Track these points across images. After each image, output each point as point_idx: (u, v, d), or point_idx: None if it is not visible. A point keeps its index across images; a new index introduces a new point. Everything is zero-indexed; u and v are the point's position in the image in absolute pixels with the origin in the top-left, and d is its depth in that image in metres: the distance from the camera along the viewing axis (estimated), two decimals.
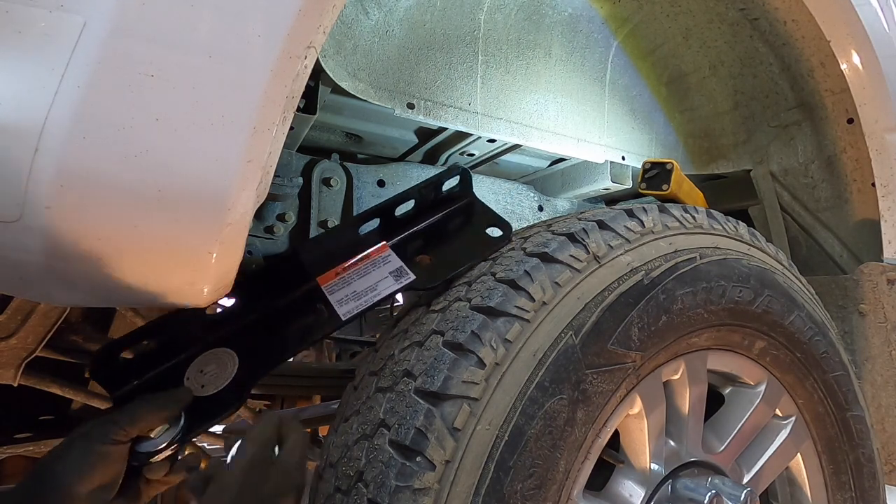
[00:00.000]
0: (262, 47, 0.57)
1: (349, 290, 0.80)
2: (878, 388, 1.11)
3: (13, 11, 0.48)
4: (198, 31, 0.54)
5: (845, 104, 1.12)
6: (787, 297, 0.87)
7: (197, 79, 0.53)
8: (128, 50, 0.51)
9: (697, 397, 0.81)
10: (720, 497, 0.74)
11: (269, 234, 1.07)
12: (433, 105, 1.06)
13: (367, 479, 0.62)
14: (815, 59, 1.11)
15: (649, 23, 1.23)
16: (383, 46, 1.00)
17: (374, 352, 0.78)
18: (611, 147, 1.30)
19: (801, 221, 1.26)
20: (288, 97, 0.60)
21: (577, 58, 1.23)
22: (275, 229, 1.07)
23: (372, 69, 0.99)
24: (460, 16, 1.08)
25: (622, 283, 0.72)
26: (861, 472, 0.95)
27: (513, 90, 1.16)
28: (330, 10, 0.64)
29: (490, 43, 1.12)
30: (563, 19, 1.19)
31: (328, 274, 0.83)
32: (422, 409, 0.62)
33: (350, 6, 0.96)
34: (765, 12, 1.10)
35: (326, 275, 0.83)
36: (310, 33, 0.61)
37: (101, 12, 0.51)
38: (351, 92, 0.96)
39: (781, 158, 1.27)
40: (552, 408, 0.63)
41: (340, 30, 0.95)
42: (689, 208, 0.88)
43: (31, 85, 0.48)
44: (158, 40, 0.52)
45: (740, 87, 1.26)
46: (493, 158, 1.38)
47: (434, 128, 1.26)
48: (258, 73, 0.57)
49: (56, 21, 0.49)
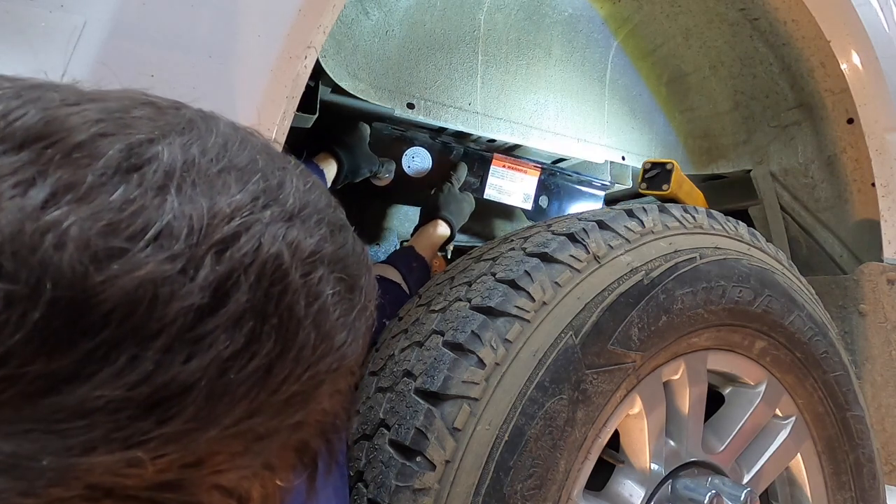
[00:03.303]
0: (262, 47, 0.57)
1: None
2: (878, 388, 1.11)
3: (13, 11, 0.48)
4: (198, 31, 0.54)
5: (845, 104, 1.12)
6: (787, 297, 0.87)
7: (197, 79, 0.53)
8: (128, 50, 0.51)
9: (697, 397, 0.81)
10: (720, 497, 0.74)
11: None
12: (433, 105, 1.07)
13: (367, 479, 0.62)
14: (815, 59, 1.11)
15: (649, 23, 1.23)
16: (383, 46, 1.00)
17: (375, 351, 0.78)
18: (611, 147, 1.30)
19: (801, 221, 1.26)
20: (288, 97, 0.60)
21: (577, 58, 1.23)
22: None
23: (372, 69, 0.99)
24: (460, 16, 1.08)
25: (622, 283, 0.72)
26: (861, 472, 0.95)
27: (513, 90, 1.16)
28: (330, 10, 0.64)
29: (490, 43, 1.12)
30: (563, 19, 1.19)
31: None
32: (422, 409, 0.62)
33: (350, 6, 0.96)
34: (765, 12, 1.10)
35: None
36: (310, 33, 0.61)
37: (101, 12, 0.51)
38: (351, 92, 0.96)
39: (781, 158, 1.27)
40: (552, 408, 0.63)
41: (340, 30, 0.95)
42: (689, 208, 0.88)
43: None
44: (158, 40, 0.52)
45: (740, 87, 1.26)
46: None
47: (434, 128, 1.26)
48: (258, 73, 0.57)
49: (56, 21, 0.50)
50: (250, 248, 0.24)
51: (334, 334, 0.28)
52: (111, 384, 0.20)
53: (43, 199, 0.21)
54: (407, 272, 1.00)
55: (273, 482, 0.27)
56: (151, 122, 0.26)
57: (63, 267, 0.20)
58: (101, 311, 0.20)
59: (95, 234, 0.21)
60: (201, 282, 0.22)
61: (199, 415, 0.22)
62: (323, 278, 0.27)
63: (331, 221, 0.30)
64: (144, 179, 0.23)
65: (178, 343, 0.21)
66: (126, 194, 0.22)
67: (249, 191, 0.26)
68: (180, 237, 0.22)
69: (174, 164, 0.24)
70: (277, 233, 0.26)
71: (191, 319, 0.22)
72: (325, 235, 0.29)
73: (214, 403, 0.22)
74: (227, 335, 0.23)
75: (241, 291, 0.23)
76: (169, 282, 0.21)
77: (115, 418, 0.20)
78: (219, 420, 0.23)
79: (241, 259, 0.24)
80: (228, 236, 0.24)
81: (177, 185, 0.24)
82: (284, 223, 0.26)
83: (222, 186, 0.25)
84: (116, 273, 0.20)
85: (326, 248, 0.28)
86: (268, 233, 0.25)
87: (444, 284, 0.78)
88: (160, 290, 0.21)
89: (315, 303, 0.27)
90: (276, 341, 0.24)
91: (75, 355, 0.20)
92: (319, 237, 0.28)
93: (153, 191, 0.23)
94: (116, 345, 0.20)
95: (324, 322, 0.27)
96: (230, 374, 0.23)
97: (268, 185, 0.28)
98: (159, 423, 0.21)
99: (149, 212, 0.22)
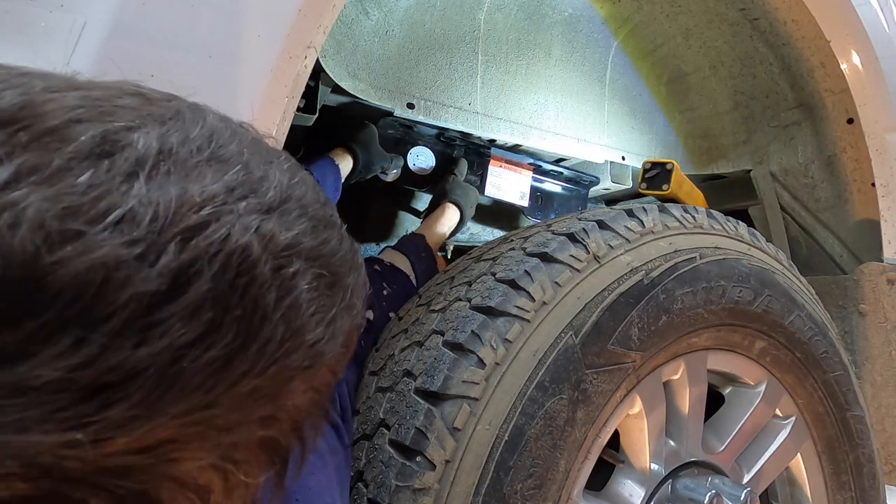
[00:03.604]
0: (262, 47, 0.57)
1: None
2: (878, 388, 1.11)
3: (13, 11, 0.48)
4: (198, 31, 0.54)
5: (845, 104, 1.12)
6: (787, 297, 0.87)
7: (197, 79, 0.53)
8: (128, 50, 0.51)
9: (697, 397, 0.81)
10: (720, 497, 0.74)
11: None
12: (433, 105, 1.07)
13: (367, 479, 0.62)
14: (815, 59, 1.11)
15: (649, 23, 1.23)
16: (383, 46, 1.00)
17: (375, 351, 0.78)
18: (611, 147, 1.30)
19: (801, 221, 1.26)
20: (288, 97, 0.60)
21: (577, 58, 1.23)
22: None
23: (372, 69, 0.99)
24: (460, 16, 1.08)
25: (622, 282, 0.72)
26: (861, 472, 0.95)
27: (513, 90, 1.16)
28: (330, 10, 0.64)
29: (490, 43, 1.12)
30: (563, 19, 1.19)
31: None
32: (422, 409, 0.62)
33: (350, 6, 0.96)
34: (765, 12, 1.10)
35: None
36: (310, 33, 0.61)
37: (101, 12, 0.51)
38: (351, 92, 0.96)
39: (781, 158, 1.26)
40: (552, 408, 0.63)
41: (340, 30, 0.95)
42: (689, 208, 0.88)
43: None
44: (158, 40, 0.52)
45: (740, 87, 1.25)
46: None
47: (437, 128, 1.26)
48: (258, 73, 0.57)
49: (56, 21, 0.50)
50: (218, 238, 0.24)
51: (307, 330, 0.27)
52: (51, 364, 0.20)
53: (4, 179, 0.21)
54: (416, 260, 1.00)
55: (237, 476, 0.27)
56: (134, 111, 0.26)
57: (14, 246, 0.20)
58: (50, 292, 0.20)
59: (52, 215, 0.21)
60: (161, 268, 0.22)
61: (147, 402, 0.22)
62: (298, 273, 0.27)
63: (315, 217, 0.30)
64: (114, 165, 0.23)
65: (129, 328, 0.21)
66: (92, 179, 0.22)
67: (226, 181, 0.26)
68: (142, 223, 0.22)
69: (148, 152, 0.24)
70: (250, 224, 0.25)
71: (145, 305, 0.22)
72: (306, 230, 0.28)
73: (164, 391, 0.22)
74: (183, 324, 0.22)
75: (203, 280, 0.23)
76: (124, 266, 0.21)
77: (54, 399, 0.20)
78: (167, 409, 0.22)
79: (207, 248, 0.23)
80: (196, 224, 0.24)
81: (148, 173, 0.24)
82: (260, 215, 0.26)
83: (198, 176, 0.25)
84: (69, 255, 0.20)
85: (305, 242, 0.28)
86: (239, 223, 0.25)
87: (444, 284, 0.78)
88: (114, 274, 0.21)
89: (287, 297, 0.26)
90: (238, 333, 0.24)
91: (19, 334, 0.20)
92: (298, 231, 0.28)
93: (121, 176, 0.23)
94: (62, 326, 0.20)
95: (295, 317, 0.27)
96: (183, 363, 0.22)
97: (248, 178, 0.27)
98: (103, 407, 0.21)
99: (113, 196, 0.22)
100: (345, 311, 0.31)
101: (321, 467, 0.57)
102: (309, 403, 0.30)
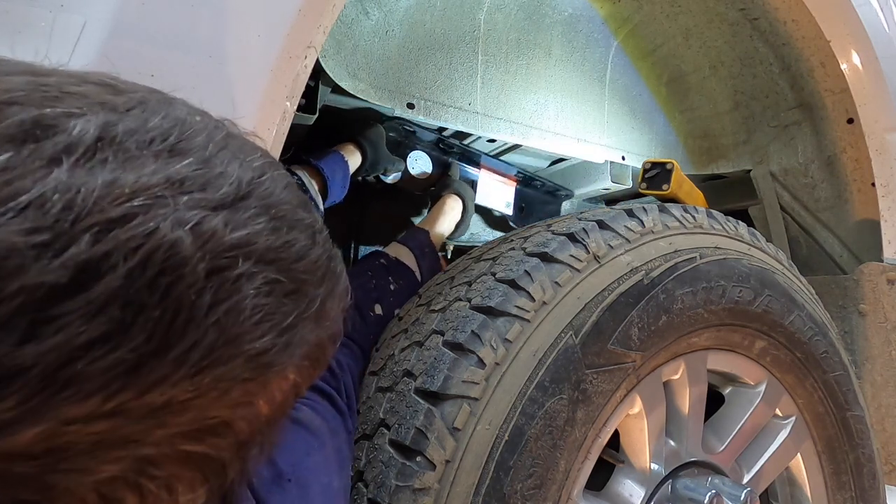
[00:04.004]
0: (262, 47, 0.57)
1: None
2: (878, 388, 1.11)
3: (13, 11, 0.48)
4: (198, 31, 0.54)
5: (845, 104, 1.12)
6: (787, 297, 0.87)
7: (197, 79, 0.53)
8: (128, 50, 0.51)
9: (697, 397, 0.81)
10: (720, 497, 0.74)
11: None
12: (433, 105, 1.06)
13: (367, 479, 0.62)
14: (815, 59, 1.11)
15: (649, 23, 1.23)
16: (383, 46, 1.00)
17: (375, 351, 0.78)
18: (611, 147, 1.30)
19: (801, 221, 1.26)
20: (288, 97, 0.60)
21: (577, 58, 1.23)
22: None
23: (372, 69, 0.99)
24: (460, 16, 1.08)
25: (622, 282, 0.72)
26: (861, 472, 0.95)
27: (513, 90, 1.16)
28: (330, 10, 0.64)
29: (490, 43, 1.12)
30: (563, 19, 1.19)
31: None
32: (422, 409, 0.62)
33: (350, 6, 0.96)
34: (765, 12, 1.10)
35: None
36: (310, 33, 0.61)
37: (101, 12, 0.51)
38: (351, 92, 0.96)
39: (781, 158, 1.27)
40: (552, 408, 0.63)
41: (340, 30, 0.95)
42: (689, 208, 0.88)
43: None
44: (158, 40, 0.52)
45: (740, 87, 1.26)
46: (494, 158, 1.38)
47: (434, 128, 1.26)
48: (258, 73, 0.57)
49: (56, 21, 0.50)
50: (141, 231, 0.22)
51: (249, 338, 0.25)
52: None
53: None
54: (420, 255, 0.99)
55: (156, 493, 0.24)
56: (85, 98, 0.25)
57: None
58: None
59: None
60: (65, 260, 0.20)
61: (29, 403, 0.20)
62: (245, 275, 0.25)
63: (280, 217, 0.28)
64: (39, 149, 0.22)
65: (15, 322, 0.19)
66: (8, 162, 0.21)
67: (170, 174, 0.24)
68: (51, 210, 0.21)
69: (83, 139, 0.23)
70: (187, 219, 0.23)
71: (39, 298, 0.20)
72: (262, 230, 0.26)
73: (51, 394, 0.20)
74: (83, 321, 0.20)
75: (115, 276, 0.21)
76: (17, 254, 0.20)
77: None
78: (55, 413, 0.20)
79: (126, 242, 0.22)
80: (118, 216, 0.22)
81: (75, 160, 0.22)
82: (204, 210, 0.24)
83: (137, 165, 0.24)
84: None
85: (259, 243, 0.26)
86: (172, 217, 0.23)
87: (444, 284, 0.78)
88: (5, 262, 0.20)
89: (224, 301, 0.24)
90: (152, 336, 0.22)
91: None
92: (251, 231, 0.26)
93: (41, 161, 0.22)
94: None
95: (232, 323, 0.24)
96: (77, 365, 0.20)
97: (202, 172, 0.25)
98: None
99: (24, 181, 0.21)
100: (309, 321, 0.28)
101: (318, 448, 0.56)
102: (257, 420, 0.28)
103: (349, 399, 0.68)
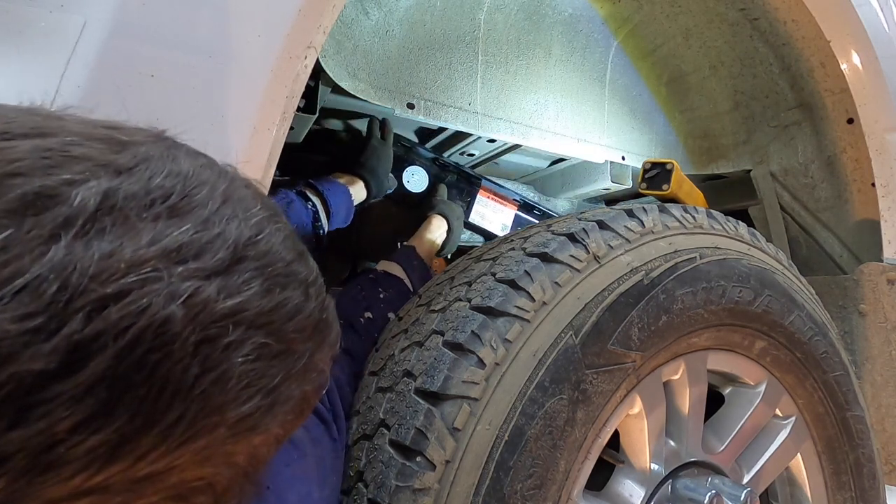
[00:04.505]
0: (262, 47, 0.57)
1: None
2: (878, 388, 1.11)
3: (13, 11, 0.48)
4: (198, 31, 0.54)
5: (845, 104, 1.12)
6: (787, 297, 0.87)
7: (197, 79, 0.53)
8: (128, 50, 0.51)
9: (697, 397, 0.81)
10: (720, 497, 0.74)
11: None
12: (433, 105, 1.06)
13: (367, 479, 0.62)
14: (815, 59, 1.11)
15: (649, 23, 1.23)
16: (383, 46, 1.00)
17: (375, 351, 0.78)
18: (611, 147, 1.30)
19: (801, 221, 1.26)
20: (288, 97, 0.60)
21: (577, 58, 1.23)
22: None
23: (372, 69, 0.99)
24: (460, 16, 1.08)
25: (622, 283, 0.72)
26: (861, 472, 0.95)
27: (513, 90, 1.16)
28: (330, 10, 0.64)
29: (490, 43, 1.12)
30: (563, 19, 1.19)
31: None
32: (422, 409, 0.62)
33: (350, 6, 0.96)
34: (765, 12, 1.10)
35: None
36: (310, 33, 0.61)
37: (101, 12, 0.51)
38: (351, 92, 0.96)
39: (781, 158, 1.27)
40: (552, 408, 0.63)
41: (340, 30, 0.95)
42: (689, 208, 0.88)
43: (30, 85, 0.49)
44: (158, 40, 0.52)
45: (740, 87, 1.26)
46: (494, 158, 1.38)
47: (434, 128, 1.26)
48: (258, 73, 0.57)
49: (56, 21, 0.49)
50: (135, 309, 0.22)
51: (235, 404, 0.25)
52: None
53: None
54: (409, 268, 1.03)
55: None
56: (89, 161, 0.25)
57: None
58: None
59: None
60: (56, 344, 0.20)
61: (12, 487, 0.20)
62: (233, 344, 0.25)
63: (275, 276, 0.28)
64: (39, 223, 0.22)
65: (3, 409, 0.20)
66: (6, 240, 0.21)
67: (166, 243, 0.24)
68: (46, 293, 0.21)
69: (84, 209, 0.23)
70: (181, 291, 0.24)
71: (28, 385, 0.20)
72: (256, 294, 0.26)
73: (34, 476, 0.20)
74: (68, 405, 0.20)
75: (104, 357, 0.21)
76: (10, 342, 0.20)
77: None
78: (39, 494, 0.21)
79: (119, 321, 0.22)
80: (112, 294, 0.22)
81: (74, 233, 0.22)
82: (198, 281, 0.24)
83: (136, 235, 0.24)
84: None
85: (252, 308, 0.26)
86: (166, 292, 0.23)
87: (444, 284, 0.78)
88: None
89: (212, 371, 0.24)
90: (135, 414, 0.22)
91: None
92: (243, 298, 0.26)
93: (41, 238, 0.21)
94: None
95: (219, 392, 0.25)
96: (59, 449, 0.20)
97: (199, 236, 0.25)
98: None
99: (22, 262, 0.21)
100: (296, 377, 0.29)
101: (297, 459, 0.57)
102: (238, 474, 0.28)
103: (333, 406, 0.68)
